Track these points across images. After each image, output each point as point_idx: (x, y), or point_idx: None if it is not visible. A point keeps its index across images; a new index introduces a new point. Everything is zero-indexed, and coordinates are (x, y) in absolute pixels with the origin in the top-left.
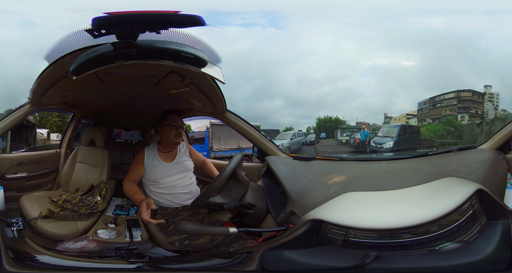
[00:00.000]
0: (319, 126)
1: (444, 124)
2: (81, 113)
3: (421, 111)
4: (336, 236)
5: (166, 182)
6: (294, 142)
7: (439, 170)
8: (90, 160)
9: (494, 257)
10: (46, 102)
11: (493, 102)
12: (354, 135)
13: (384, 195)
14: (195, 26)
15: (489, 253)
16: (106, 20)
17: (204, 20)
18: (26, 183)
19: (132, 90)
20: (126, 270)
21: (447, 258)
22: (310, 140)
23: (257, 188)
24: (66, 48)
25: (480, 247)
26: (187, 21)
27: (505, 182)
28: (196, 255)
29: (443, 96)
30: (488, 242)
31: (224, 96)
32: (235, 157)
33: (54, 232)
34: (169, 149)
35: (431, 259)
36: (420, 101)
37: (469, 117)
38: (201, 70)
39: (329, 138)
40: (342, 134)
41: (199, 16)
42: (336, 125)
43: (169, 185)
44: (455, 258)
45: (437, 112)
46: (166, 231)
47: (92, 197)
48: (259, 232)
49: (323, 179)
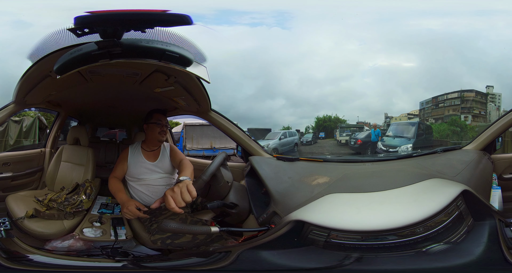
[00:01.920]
0: (318, 125)
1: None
2: (65, 112)
3: (423, 110)
4: (317, 237)
5: (148, 179)
6: (284, 143)
7: (424, 171)
8: (75, 159)
9: (486, 258)
10: (30, 102)
11: (495, 103)
12: (355, 135)
13: (368, 197)
14: (182, 25)
15: (479, 254)
16: (88, 19)
17: (192, 19)
18: (12, 183)
19: (117, 89)
20: (113, 268)
21: (438, 260)
22: (307, 140)
23: (240, 188)
24: (50, 47)
25: (469, 248)
26: (174, 20)
27: (490, 183)
28: (175, 254)
29: (446, 96)
30: (477, 243)
31: (209, 96)
32: (218, 155)
33: (41, 231)
34: (152, 148)
35: (419, 261)
36: (423, 100)
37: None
38: (186, 69)
39: (328, 138)
40: (341, 134)
41: (187, 15)
42: (335, 124)
43: (151, 183)
44: (446, 260)
45: (440, 112)
46: (149, 230)
47: (77, 196)
48: (241, 231)
49: (307, 180)
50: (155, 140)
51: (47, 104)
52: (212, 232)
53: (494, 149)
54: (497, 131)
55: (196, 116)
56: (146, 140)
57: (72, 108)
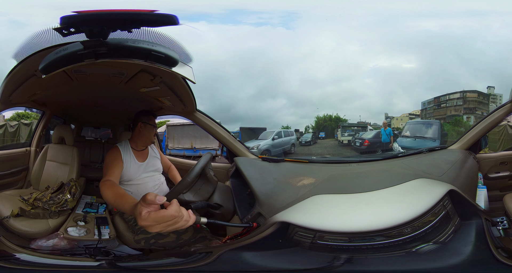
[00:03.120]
0: (318, 125)
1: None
2: (50, 111)
3: (425, 110)
4: (303, 238)
5: (138, 179)
6: (278, 144)
7: (410, 171)
8: (60, 158)
9: (476, 258)
10: (16, 101)
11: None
12: (360, 134)
13: (354, 198)
14: (169, 25)
15: (469, 253)
16: (74, 19)
17: (178, 19)
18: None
19: (102, 88)
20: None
21: (430, 260)
22: (306, 140)
23: (225, 189)
24: (35, 46)
25: (458, 248)
26: (161, 20)
27: (476, 182)
28: (156, 253)
29: (449, 96)
30: (465, 242)
31: (194, 96)
32: (204, 156)
33: (26, 230)
34: (142, 148)
35: (411, 261)
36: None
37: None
38: (171, 70)
39: (329, 138)
40: (343, 134)
41: (173, 15)
42: (336, 124)
43: (140, 182)
44: (438, 260)
45: (442, 112)
46: (133, 229)
47: (62, 195)
48: (224, 232)
49: (292, 181)
50: (148, 141)
51: (32, 103)
52: (201, 222)
53: (480, 148)
54: (482, 130)
55: (182, 116)
56: (138, 140)
57: (57, 107)
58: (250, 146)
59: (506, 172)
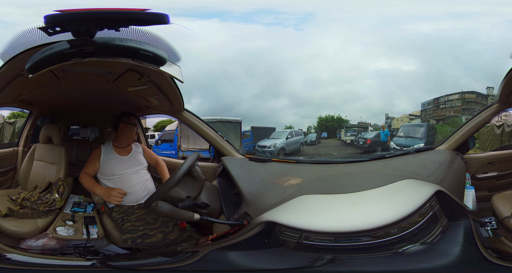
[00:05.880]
0: (320, 125)
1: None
2: (38, 111)
3: (424, 111)
4: (288, 238)
5: (122, 175)
6: (291, 142)
7: (397, 172)
8: (48, 157)
9: (465, 258)
10: (2, 101)
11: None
12: (362, 134)
13: (341, 198)
14: (159, 24)
15: (458, 254)
16: (59, 18)
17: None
18: None
19: (89, 87)
20: (85, 267)
21: (418, 260)
22: (311, 139)
23: (212, 188)
24: (21, 45)
25: (446, 248)
26: (151, 19)
27: (463, 183)
28: (143, 253)
29: (447, 97)
30: (453, 243)
31: (182, 95)
32: (191, 155)
33: (15, 230)
34: (124, 145)
35: (397, 262)
36: (424, 102)
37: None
38: (159, 69)
39: (331, 138)
40: (346, 134)
41: (164, 14)
42: (338, 124)
43: (125, 179)
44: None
45: (441, 113)
46: (120, 229)
47: (50, 195)
48: (210, 232)
49: (279, 181)
50: (130, 139)
51: (19, 103)
52: (194, 219)
53: (467, 149)
54: (469, 131)
55: (169, 115)
56: (120, 138)
57: (44, 106)
58: (267, 145)
59: (493, 173)
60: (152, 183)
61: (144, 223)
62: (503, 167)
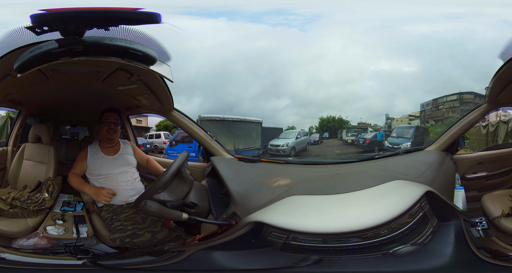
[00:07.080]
0: (322, 126)
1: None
2: (27, 110)
3: (423, 112)
4: (276, 239)
5: (108, 175)
6: (300, 142)
7: (386, 173)
8: (37, 157)
9: (458, 258)
10: None
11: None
12: (362, 135)
13: (330, 199)
14: (150, 23)
15: (450, 254)
16: (46, 17)
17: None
18: None
19: (79, 87)
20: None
21: (408, 261)
22: (314, 139)
23: (201, 188)
24: (9, 45)
25: (437, 249)
26: (142, 18)
27: (453, 183)
28: (131, 252)
29: (446, 98)
30: (444, 244)
31: (171, 94)
32: (180, 155)
33: (6, 230)
34: (110, 145)
35: (387, 263)
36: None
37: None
38: (149, 68)
39: (332, 138)
40: (347, 134)
41: (156, 13)
42: (339, 125)
43: (112, 179)
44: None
45: (440, 113)
46: (109, 228)
47: (40, 194)
48: (198, 232)
49: (268, 182)
50: (105, 138)
51: (8, 102)
52: (182, 218)
53: (456, 149)
54: (459, 131)
55: (159, 115)
56: (102, 138)
57: (33, 106)
58: (280, 144)
59: (483, 173)
60: (140, 182)
61: (133, 223)
62: (492, 167)
